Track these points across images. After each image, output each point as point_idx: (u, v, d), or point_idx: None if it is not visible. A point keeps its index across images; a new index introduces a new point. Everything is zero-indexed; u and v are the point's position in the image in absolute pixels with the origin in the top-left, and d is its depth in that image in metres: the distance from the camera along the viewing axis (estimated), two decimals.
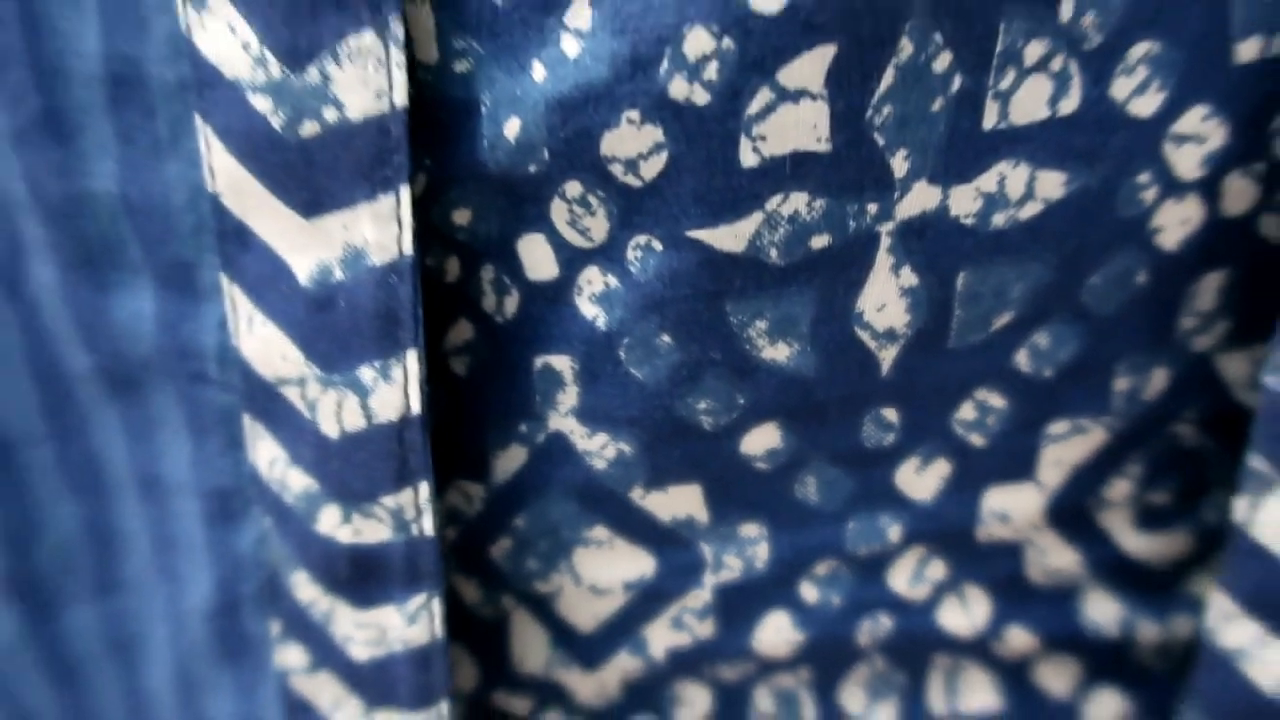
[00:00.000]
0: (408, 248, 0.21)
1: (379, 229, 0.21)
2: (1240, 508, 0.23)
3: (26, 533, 0.27)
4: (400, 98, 0.20)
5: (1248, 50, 0.21)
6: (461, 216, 0.22)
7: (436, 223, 0.22)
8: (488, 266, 0.22)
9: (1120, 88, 0.21)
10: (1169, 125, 0.21)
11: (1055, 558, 0.27)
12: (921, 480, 0.25)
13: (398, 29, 0.20)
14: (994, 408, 0.24)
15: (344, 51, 0.19)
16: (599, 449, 0.24)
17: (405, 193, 0.21)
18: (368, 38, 0.19)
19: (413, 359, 0.22)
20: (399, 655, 0.24)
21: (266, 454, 0.23)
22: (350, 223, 0.21)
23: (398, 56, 0.20)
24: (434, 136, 0.21)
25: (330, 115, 0.20)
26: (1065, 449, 0.25)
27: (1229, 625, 0.23)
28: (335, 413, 0.22)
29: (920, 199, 0.21)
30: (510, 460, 0.24)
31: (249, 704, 0.27)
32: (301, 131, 0.20)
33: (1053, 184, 0.22)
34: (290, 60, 0.19)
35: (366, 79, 0.20)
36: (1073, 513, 0.26)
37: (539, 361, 0.23)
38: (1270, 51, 0.21)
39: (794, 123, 0.20)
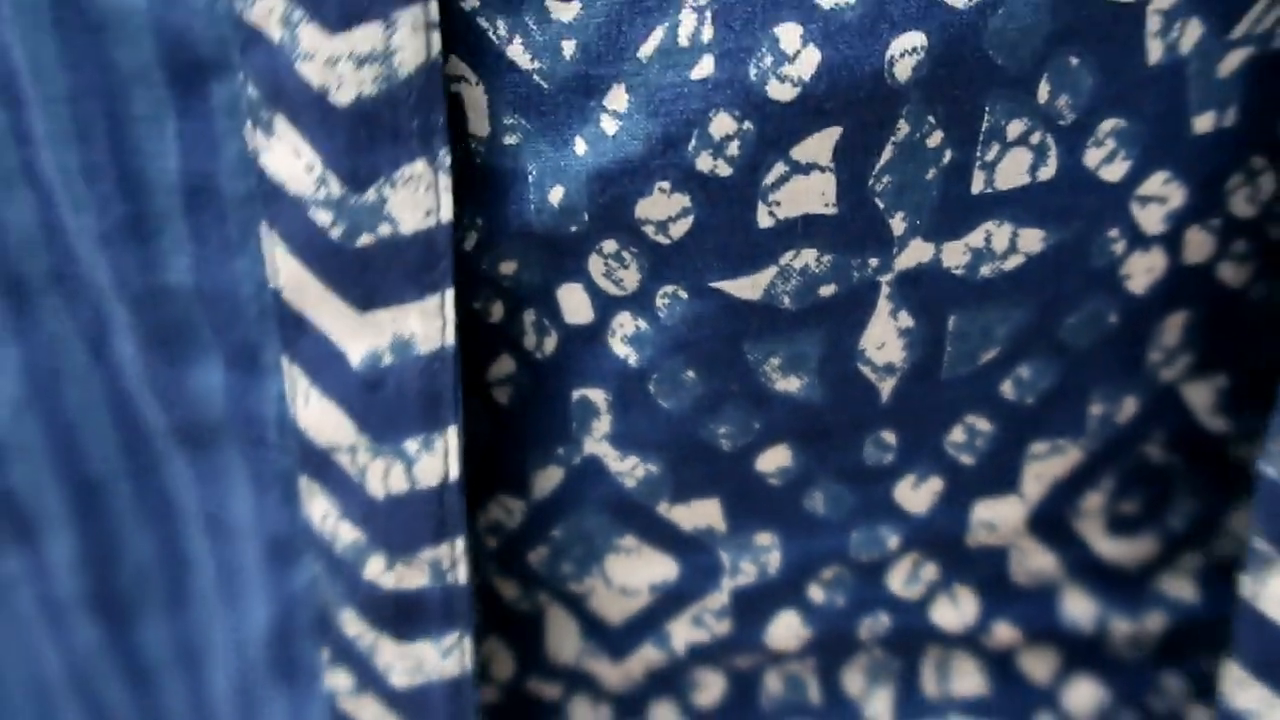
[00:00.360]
0: (450, 340, 0.23)
1: (425, 323, 0.23)
2: (1246, 584, 0.24)
3: (109, 556, 0.30)
4: (446, 214, 0.22)
5: (1203, 123, 0.24)
6: (507, 267, 0.24)
7: (484, 271, 0.24)
8: (529, 310, 0.25)
9: (1091, 157, 0.24)
10: (1134, 188, 0.24)
11: (1036, 560, 0.29)
12: (917, 495, 0.28)
13: (445, 157, 0.22)
14: (981, 431, 0.27)
15: (399, 177, 0.22)
16: (629, 469, 0.26)
17: (449, 293, 0.23)
18: (419, 165, 0.22)
19: (453, 433, 0.24)
20: (434, 684, 0.27)
21: (319, 509, 0.26)
22: (399, 317, 0.23)
23: (445, 181, 0.22)
24: (484, 199, 0.24)
25: (384, 230, 0.22)
26: (1045, 466, 0.28)
27: (1240, 690, 0.25)
28: (382, 477, 0.25)
29: (916, 254, 0.24)
30: (548, 479, 0.27)
31: (300, 718, 0.30)
32: (358, 242, 0.22)
33: (1033, 239, 0.24)
34: (350, 183, 0.22)
35: (417, 200, 0.22)
36: (1052, 521, 0.29)
37: (576, 394, 0.26)
38: (1223, 123, 0.24)
39: (804, 191, 0.23)
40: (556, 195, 0.23)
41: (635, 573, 0.28)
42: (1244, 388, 0.27)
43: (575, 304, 0.24)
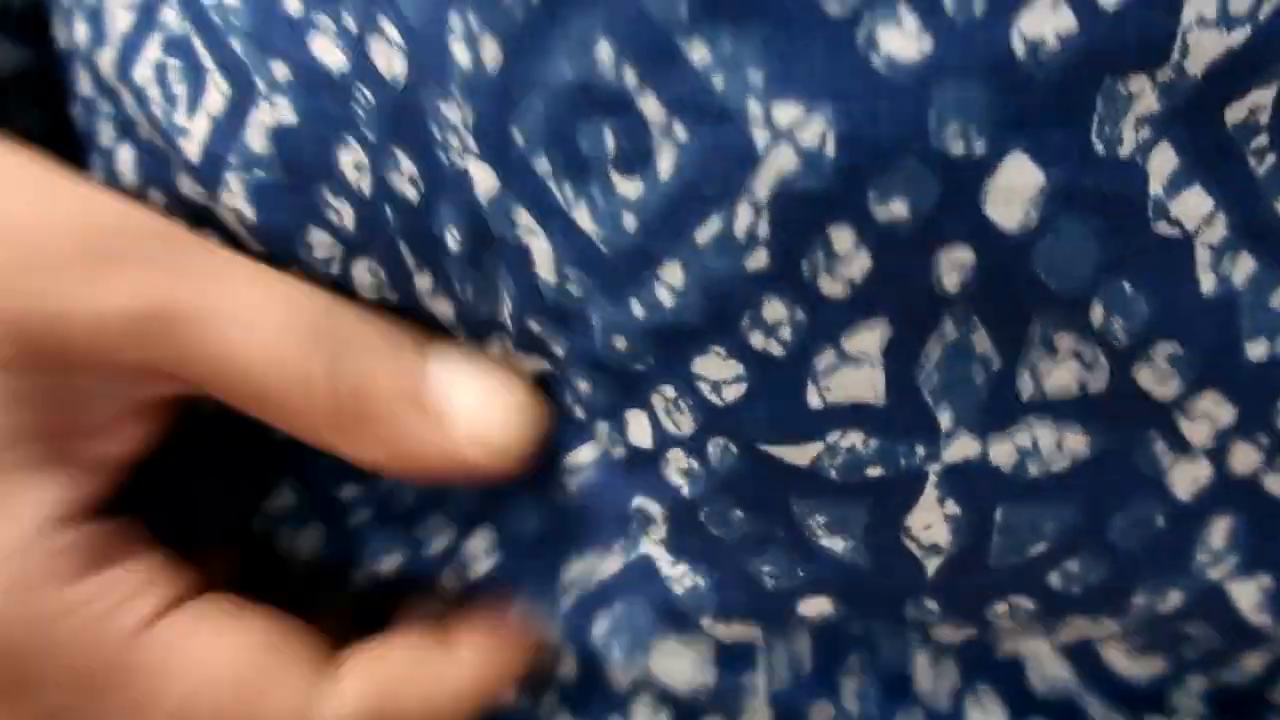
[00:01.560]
0: None
1: None
2: None
3: None
4: None
5: (1256, 350, 0.24)
6: (584, 386, 0.26)
7: (569, 378, 0.26)
8: (602, 422, 0.27)
9: (1143, 376, 0.24)
10: (1183, 405, 0.25)
11: (1055, 671, 0.30)
12: (953, 633, 0.28)
13: None
14: (1024, 608, 0.27)
15: None
16: (679, 576, 0.27)
17: None
18: None
19: None
20: None
21: None
22: None
23: None
24: (559, 331, 0.26)
25: None
26: (1081, 628, 0.28)
27: None
28: None
29: (963, 448, 0.25)
30: (612, 563, 0.28)
31: None
32: None
33: (1079, 444, 0.25)
34: None
35: None
36: (1079, 649, 0.29)
37: (636, 500, 0.27)
38: (1276, 350, 0.24)
39: (853, 381, 0.24)
40: (620, 342, 0.25)
41: (676, 671, 0.29)
42: None
43: (639, 429, 0.26)
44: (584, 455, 0.28)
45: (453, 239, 0.26)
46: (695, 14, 0.21)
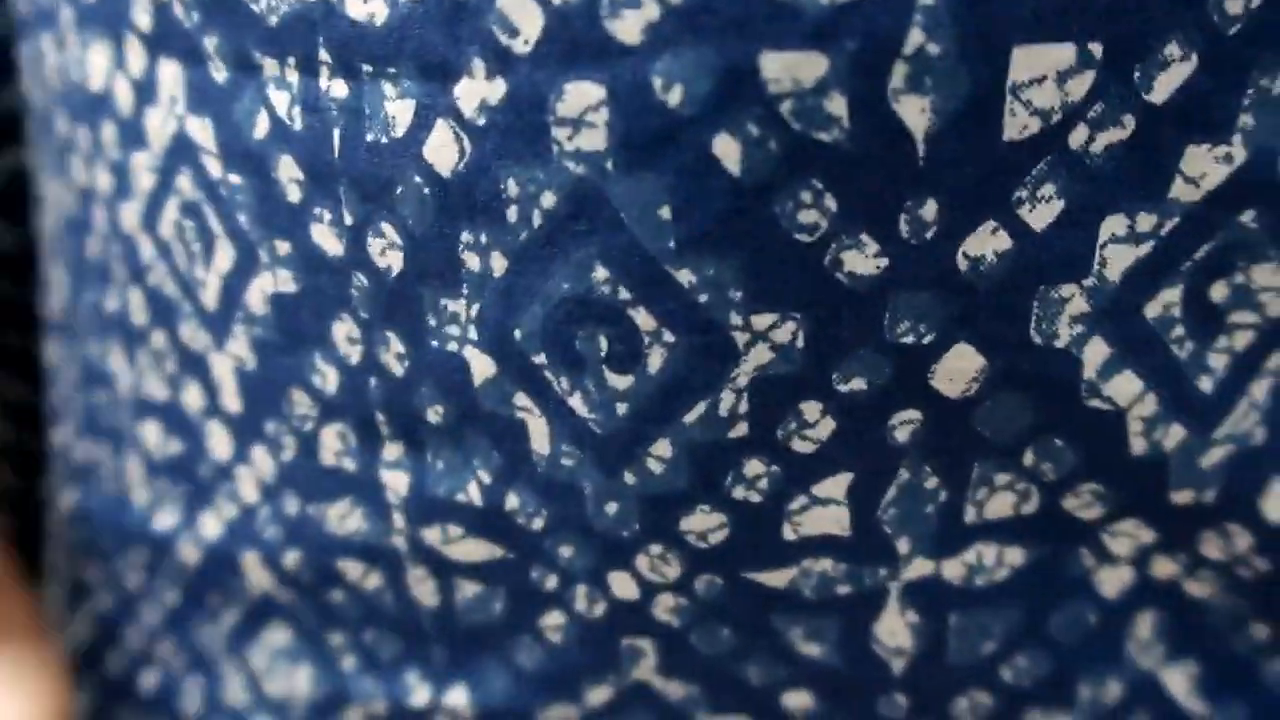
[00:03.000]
0: None
1: None
2: None
3: None
4: None
5: (1181, 497, 0.28)
6: (566, 550, 0.29)
7: (545, 549, 0.29)
8: (581, 585, 0.29)
9: (1069, 503, 0.28)
10: (1108, 526, 0.28)
11: None
12: None
13: None
14: (984, 703, 0.30)
15: None
16: (673, 691, 0.30)
17: None
18: None
19: None
20: None
21: None
22: None
23: None
24: (548, 497, 0.28)
25: None
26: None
27: None
28: None
29: (919, 568, 0.28)
30: (600, 695, 0.31)
31: None
32: None
33: (1016, 556, 0.28)
34: None
35: None
36: None
37: (625, 641, 0.30)
38: (1202, 499, 0.28)
39: (822, 518, 0.27)
40: (611, 509, 0.28)
41: None
42: (1217, 673, 0.31)
43: (623, 585, 0.29)
44: (552, 619, 0.30)
45: (434, 414, 0.28)
46: (682, 246, 0.24)
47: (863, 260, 0.24)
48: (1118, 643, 0.30)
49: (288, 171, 0.28)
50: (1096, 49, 0.23)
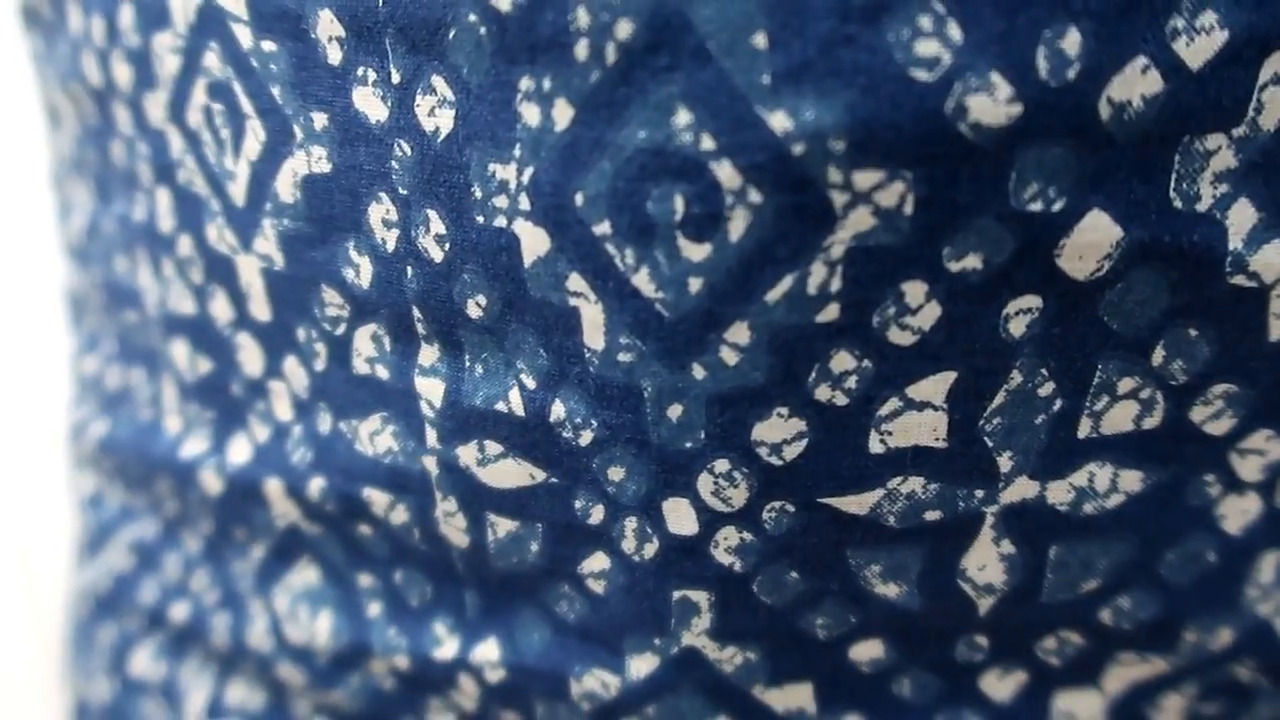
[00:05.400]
0: None
1: None
2: None
3: None
4: None
5: None
6: (615, 473, 0.25)
7: (592, 470, 0.26)
8: (631, 518, 0.26)
9: (1198, 414, 0.24)
10: (1237, 442, 0.25)
11: None
12: (1002, 684, 0.28)
13: None
14: (1074, 642, 0.27)
15: None
16: (728, 658, 0.27)
17: None
18: None
19: None
20: None
21: None
22: None
23: None
24: (600, 404, 0.25)
25: None
26: (1130, 670, 0.28)
27: None
28: None
29: (1021, 489, 0.25)
30: (644, 664, 0.28)
31: None
32: None
33: (1133, 480, 0.25)
34: None
35: None
36: (1130, 715, 0.29)
37: (676, 594, 0.26)
38: None
39: (917, 425, 0.24)
40: (674, 412, 0.24)
41: None
42: None
43: (680, 517, 0.25)
44: (595, 564, 0.27)
45: (476, 306, 0.25)
46: (778, 81, 0.21)
47: (991, 106, 0.21)
48: (1236, 585, 0.27)
49: (328, 29, 0.25)
50: None
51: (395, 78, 0.24)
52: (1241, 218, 0.22)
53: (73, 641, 0.39)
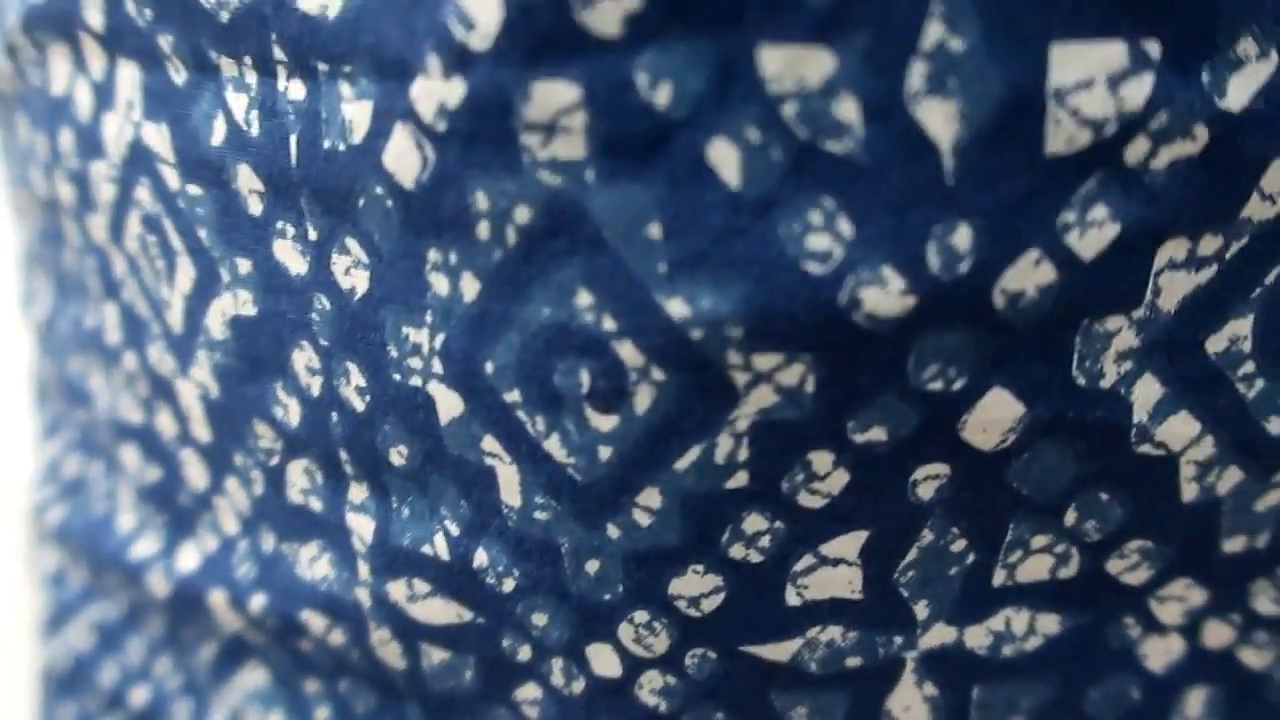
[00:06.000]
0: None
1: None
2: None
3: None
4: None
5: (1233, 545, 0.24)
6: (539, 619, 0.25)
7: (516, 616, 0.26)
8: (558, 658, 0.26)
9: (1114, 565, 0.24)
10: (1156, 590, 0.25)
11: None
12: None
13: None
14: None
15: None
16: None
17: None
18: None
19: None
20: None
21: None
22: None
23: None
24: (518, 557, 0.25)
25: None
26: None
27: None
28: None
29: (939, 635, 0.25)
30: None
31: None
32: None
33: (1050, 623, 0.25)
34: None
35: None
36: None
37: None
38: (1255, 545, 0.25)
39: (832, 579, 0.24)
40: (592, 567, 0.24)
41: None
42: None
43: (604, 660, 0.26)
44: (528, 693, 0.27)
45: (398, 455, 0.25)
46: (674, 270, 0.21)
47: (884, 298, 0.21)
48: (1163, 719, 0.27)
49: (247, 182, 0.25)
50: (1153, 47, 0.20)
51: (312, 234, 0.24)
52: (1147, 393, 0.22)
53: (40, 717, 0.40)
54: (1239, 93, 0.20)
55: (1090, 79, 0.20)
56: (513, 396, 0.23)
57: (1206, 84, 0.20)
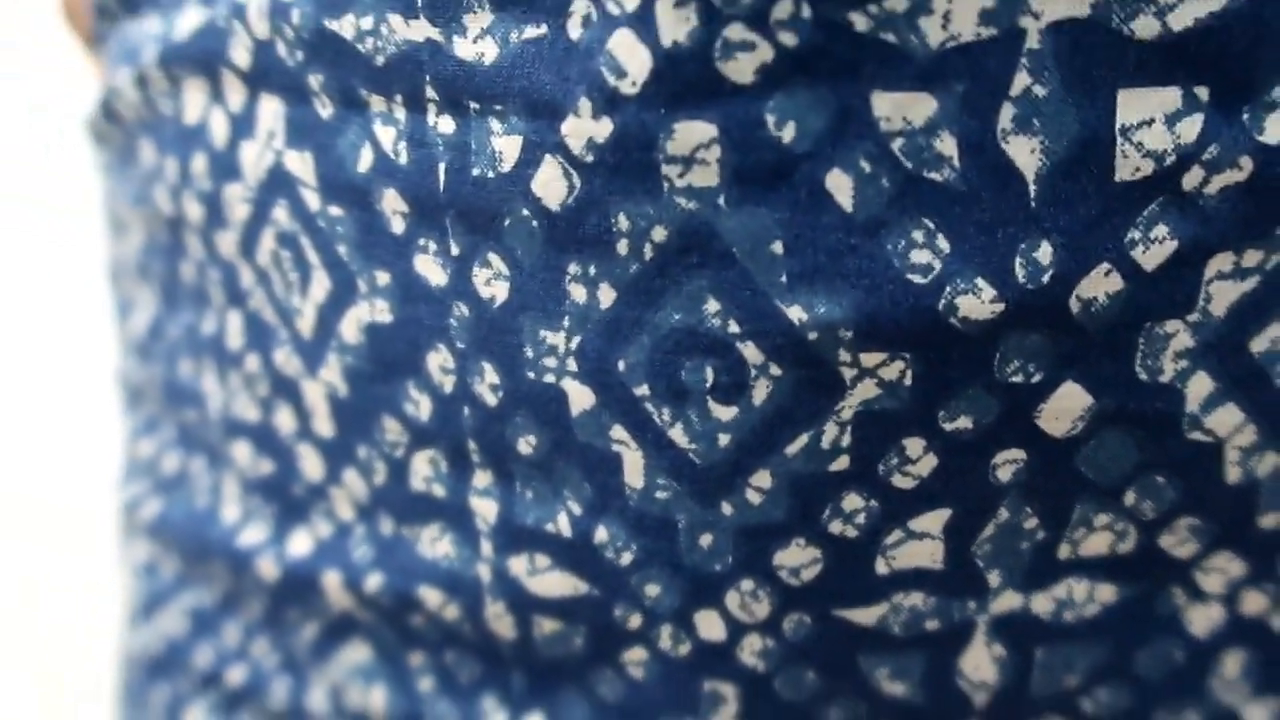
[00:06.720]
0: None
1: None
2: None
3: None
4: None
5: (1268, 521, 0.28)
6: (652, 590, 0.29)
7: (631, 586, 0.29)
8: (667, 625, 0.29)
9: (1165, 541, 0.28)
10: (1201, 562, 0.28)
11: None
12: None
13: None
14: None
15: None
16: None
17: None
18: None
19: None
20: None
21: None
22: None
23: None
24: (638, 533, 0.28)
25: None
26: None
27: None
28: None
29: (1008, 601, 0.28)
30: None
31: None
32: None
33: (1107, 593, 0.28)
34: None
35: None
36: None
37: (707, 685, 0.30)
38: None
39: (917, 551, 0.27)
40: (705, 541, 0.28)
41: None
42: None
43: (710, 625, 0.29)
44: (635, 655, 0.30)
45: (526, 444, 0.28)
46: (794, 282, 0.24)
47: (977, 305, 0.24)
48: (1202, 679, 0.30)
49: (392, 204, 0.28)
50: (1202, 92, 0.24)
51: (454, 250, 0.28)
52: (1199, 387, 0.26)
53: (124, 702, 0.42)
54: (1275, 129, 0.24)
55: (1151, 119, 0.23)
56: (642, 390, 0.26)
57: (1247, 122, 0.24)
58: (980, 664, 0.29)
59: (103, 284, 0.41)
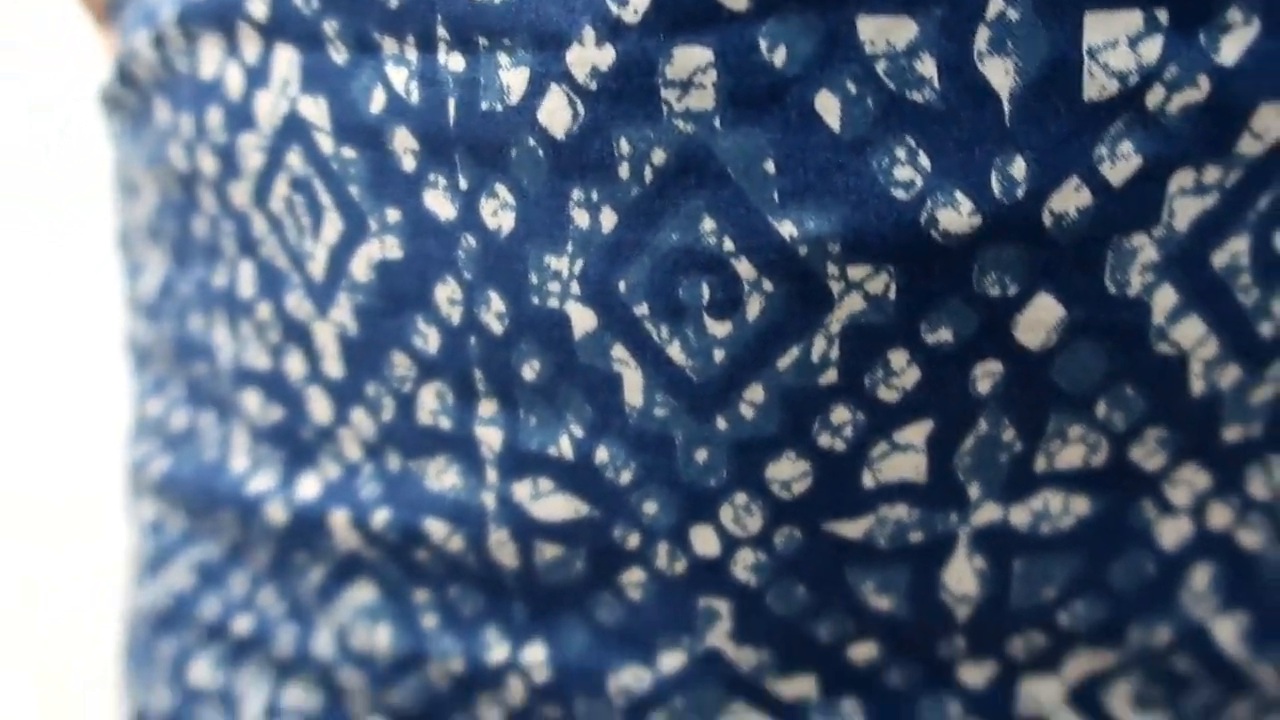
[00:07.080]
0: None
1: None
2: None
3: None
4: None
5: (1231, 434, 0.29)
6: (649, 508, 0.30)
7: (629, 505, 0.30)
8: (664, 542, 0.31)
9: (1136, 453, 0.29)
10: (1169, 475, 0.30)
11: None
12: (976, 674, 0.33)
13: None
14: (1037, 640, 0.32)
15: None
16: (744, 657, 0.32)
17: None
18: None
19: None
20: None
21: None
22: None
23: None
24: (636, 450, 0.30)
25: None
26: (1085, 662, 0.33)
27: None
28: None
29: (988, 513, 0.30)
30: (673, 660, 0.32)
31: None
32: None
33: (1082, 505, 0.30)
34: None
35: None
36: (1086, 698, 0.34)
37: (702, 602, 0.31)
38: (1249, 434, 0.30)
39: (901, 464, 0.29)
40: (701, 456, 0.29)
41: None
42: (1265, 623, 0.33)
43: (705, 541, 0.30)
44: (633, 576, 0.32)
45: (530, 370, 0.30)
46: (785, 199, 0.26)
47: (956, 218, 0.26)
48: (1172, 592, 0.32)
49: (403, 142, 0.30)
50: (1162, 14, 0.25)
51: (463, 184, 0.29)
52: (1164, 300, 0.28)
53: (131, 656, 0.43)
54: (1230, 50, 0.26)
55: (1116, 40, 0.25)
56: (641, 310, 0.28)
57: (1204, 43, 0.26)
58: (962, 576, 0.31)
59: (103, 284, 0.42)
